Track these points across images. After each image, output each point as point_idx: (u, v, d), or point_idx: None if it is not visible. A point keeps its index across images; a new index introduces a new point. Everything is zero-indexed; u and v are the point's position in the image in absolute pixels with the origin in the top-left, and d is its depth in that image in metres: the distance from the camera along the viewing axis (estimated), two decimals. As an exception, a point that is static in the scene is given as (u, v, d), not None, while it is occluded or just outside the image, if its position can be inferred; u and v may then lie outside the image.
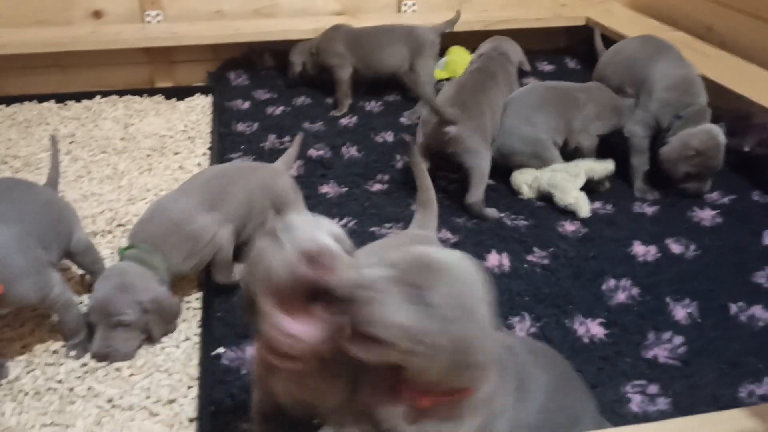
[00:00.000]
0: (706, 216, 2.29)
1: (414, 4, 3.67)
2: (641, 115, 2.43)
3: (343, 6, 3.65)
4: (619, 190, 2.45)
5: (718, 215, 2.29)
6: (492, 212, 2.30)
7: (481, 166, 2.31)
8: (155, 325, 1.69)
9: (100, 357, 1.64)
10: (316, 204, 2.35)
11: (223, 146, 2.74)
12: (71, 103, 3.12)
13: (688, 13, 3.37)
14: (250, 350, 1.68)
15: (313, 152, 2.70)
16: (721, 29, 3.15)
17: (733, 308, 1.86)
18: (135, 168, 2.57)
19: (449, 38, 3.60)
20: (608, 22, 3.44)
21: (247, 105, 3.15)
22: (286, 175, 2.11)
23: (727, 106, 2.71)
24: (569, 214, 2.29)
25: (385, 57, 3.10)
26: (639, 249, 2.11)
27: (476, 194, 2.29)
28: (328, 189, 2.46)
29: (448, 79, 3.47)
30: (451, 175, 2.46)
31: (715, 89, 2.65)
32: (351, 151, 2.73)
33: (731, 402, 1.55)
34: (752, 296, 1.91)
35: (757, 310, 1.85)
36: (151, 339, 1.71)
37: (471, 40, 3.63)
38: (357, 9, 3.65)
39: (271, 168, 2.10)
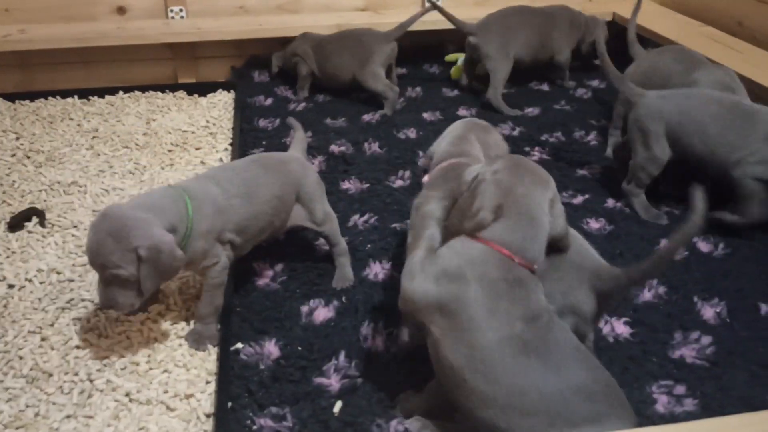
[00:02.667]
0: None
1: (439, 0, 3.63)
2: None
3: (366, 2, 3.63)
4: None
5: (748, 213, 2.23)
6: (507, 109, 3.02)
7: (496, 69, 3.03)
8: (147, 277, 1.50)
9: (106, 308, 1.56)
10: (338, 200, 2.33)
11: (245, 142, 2.73)
12: (94, 98, 3.14)
13: (718, 8, 3.29)
14: (268, 346, 1.67)
15: (335, 148, 2.69)
16: (752, 24, 3.07)
17: (764, 308, 1.80)
18: (157, 163, 2.58)
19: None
20: (637, 18, 3.37)
21: (269, 101, 3.14)
22: (312, 168, 1.99)
23: (760, 102, 2.63)
24: (594, 211, 2.25)
25: (337, 65, 3.10)
26: (666, 247, 2.06)
27: (492, 92, 3.05)
28: (350, 185, 2.44)
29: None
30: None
31: (747, 85, 2.59)
32: (373, 147, 2.71)
33: (762, 404, 1.50)
34: (784, 296, 1.85)
35: (789, 310, 1.79)
36: (140, 292, 1.53)
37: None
38: (380, 5, 3.62)
39: (300, 161, 1.93)
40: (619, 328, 1.74)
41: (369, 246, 2.09)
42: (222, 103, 3.14)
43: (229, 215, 1.68)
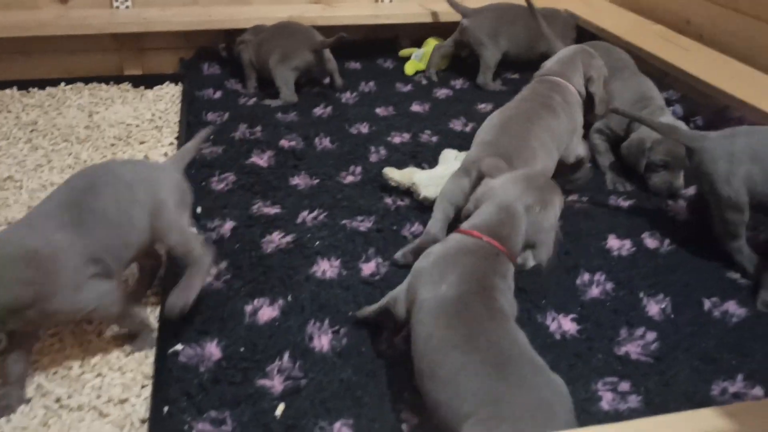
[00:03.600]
0: (681, 209, 2.26)
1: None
2: (599, 126, 2.52)
3: (319, -6, 3.57)
4: (596, 184, 2.41)
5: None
6: (495, 85, 3.21)
7: (485, 55, 3.19)
8: None
9: None
10: (287, 195, 2.28)
11: (191, 136, 2.63)
12: (35, 90, 3.02)
13: (666, 6, 3.33)
14: (209, 347, 1.61)
15: (285, 143, 2.63)
16: (699, 22, 3.12)
17: (707, 304, 1.82)
18: (98, 157, 2.49)
19: (426, 30, 3.55)
20: (587, 15, 3.40)
21: (218, 94, 3.07)
22: (173, 173, 1.70)
23: (704, 99, 2.68)
24: (544, 207, 2.25)
25: (266, 53, 3.02)
26: (614, 243, 2.07)
27: (482, 78, 3.22)
28: (299, 180, 2.39)
29: (424, 71, 3.43)
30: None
31: (693, 83, 2.62)
32: (324, 142, 2.67)
33: (704, 399, 1.51)
34: (726, 291, 1.87)
35: (731, 305, 1.81)
36: None
37: (448, 31, 3.59)
38: (333, -3, 3.57)
39: (153, 168, 1.66)
40: (566, 324, 1.73)
41: (317, 243, 2.04)
42: (169, 95, 3.05)
43: (57, 265, 1.40)
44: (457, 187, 1.95)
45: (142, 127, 2.73)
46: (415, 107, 3.04)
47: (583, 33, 3.33)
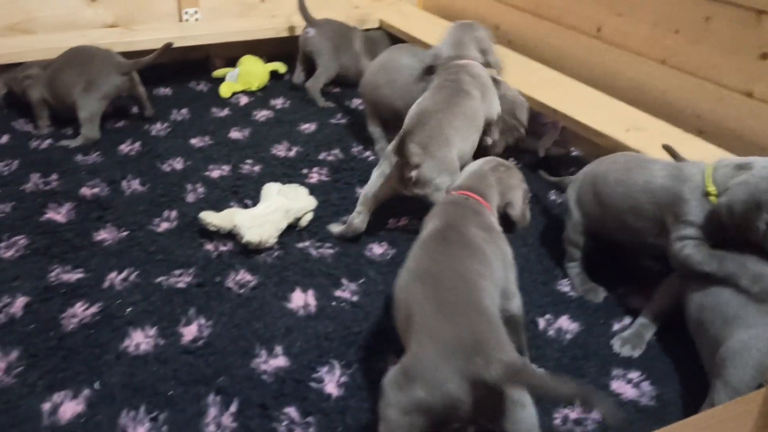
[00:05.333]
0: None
1: (197, 12, 3.37)
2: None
3: (116, 17, 3.26)
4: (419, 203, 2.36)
5: (520, 220, 2.27)
6: (322, 101, 3.16)
7: (323, 64, 3.18)
8: None
9: None
10: (91, 256, 2.02)
11: (-28, 194, 2.30)
12: None
13: (476, 13, 3.39)
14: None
15: (86, 191, 2.35)
16: (507, 28, 3.19)
17: (542, 323, 1.82)
18: None
19: (240, 48, 3.37)
20: (401, 24, 3.39)
21: (5, 139, 2.70)
22: None
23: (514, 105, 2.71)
24: (376, 236, 2.17)
25: (63, 84, 2.71)
26: (447, 268, 2.03)
27: (314, 82, 3.17)
28: (106, 234, 2.13)
29: (243, 91, 3.24)
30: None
31: (502, 89, 2.65)
32: (133, 185, 2.41)
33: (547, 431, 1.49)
34: (558, 306, 1.88)
35: (563, 321, 1.82)
36: None
37: (263, 48, 3.44)
38: (132, 20, 3.28)
39: None
40: (406, 367, 1.65)
41: (129, 309, 1.81)
42: (-58, 146, 2.63)
43: None
44: (379, 176, 2.06)
45: None
46: (234, 133, 2.85)
47: (397, 41, 3.31)
